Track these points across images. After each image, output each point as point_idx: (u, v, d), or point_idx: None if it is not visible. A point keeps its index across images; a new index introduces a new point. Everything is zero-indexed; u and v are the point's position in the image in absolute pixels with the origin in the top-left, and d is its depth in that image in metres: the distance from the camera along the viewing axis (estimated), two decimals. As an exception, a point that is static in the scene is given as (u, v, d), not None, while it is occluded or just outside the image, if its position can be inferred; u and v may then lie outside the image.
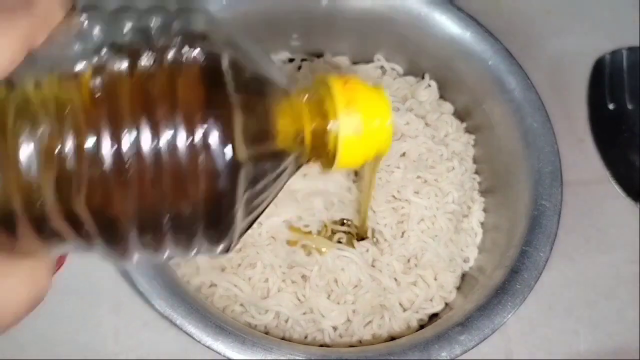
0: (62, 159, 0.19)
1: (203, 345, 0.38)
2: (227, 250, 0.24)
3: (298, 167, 0.26)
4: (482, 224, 0.49)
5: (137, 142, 0.20)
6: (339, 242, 0.45)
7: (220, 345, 0.38)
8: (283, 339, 0.44)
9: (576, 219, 0.53)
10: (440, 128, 0.49)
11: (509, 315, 0.40)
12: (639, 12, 0.60)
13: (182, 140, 0.20)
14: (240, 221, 0.23)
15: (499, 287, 0.40)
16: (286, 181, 0.25)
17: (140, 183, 0.20)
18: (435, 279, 0.47)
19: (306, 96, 0.25)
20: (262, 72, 0.23)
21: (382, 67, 0.52)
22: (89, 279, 0.48)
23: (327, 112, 0.25)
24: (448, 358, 0.38)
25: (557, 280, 0.51)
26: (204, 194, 0.21)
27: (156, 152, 0.20)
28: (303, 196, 0.46)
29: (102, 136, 0.20)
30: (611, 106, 0.57)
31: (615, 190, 0.54)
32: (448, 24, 0.47)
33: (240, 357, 0.38)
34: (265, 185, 0.23)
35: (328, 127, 0.25)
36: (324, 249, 0.45)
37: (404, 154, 0.47)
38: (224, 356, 0.38)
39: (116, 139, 0.20)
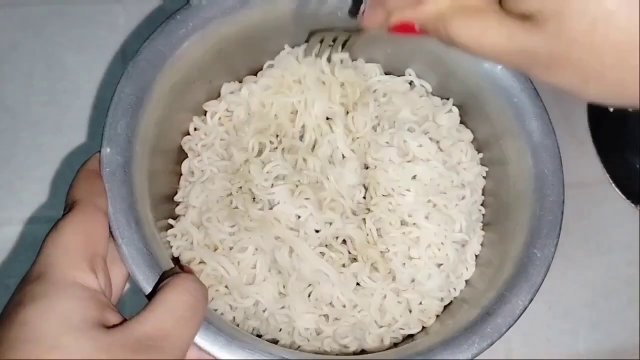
0: None
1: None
2: None
3: None
4: (476, 256, 0.48)
5: None
6: (322, 253, 0.45)
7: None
8: (260, 328, 0.45)
9: (576, 220, 0.53)
10: (453, 155, 0.48)
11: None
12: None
13: None
14: None
15: (469, 326, 0.40)
16: None
17: None
18: (420, 304, 0.47)
19: None
20: None
21: (411, 82, 0.52)
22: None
23: None
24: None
25: (556, 281, 0.51)
26: None
27: None
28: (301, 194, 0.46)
29: None
30: (611, 109, 0.56)
31: (614, 192, 0.54)
32: (482, 53, 0.46)
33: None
34: None
35: None
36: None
37: (414, 177, 0.47)
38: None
39: None
